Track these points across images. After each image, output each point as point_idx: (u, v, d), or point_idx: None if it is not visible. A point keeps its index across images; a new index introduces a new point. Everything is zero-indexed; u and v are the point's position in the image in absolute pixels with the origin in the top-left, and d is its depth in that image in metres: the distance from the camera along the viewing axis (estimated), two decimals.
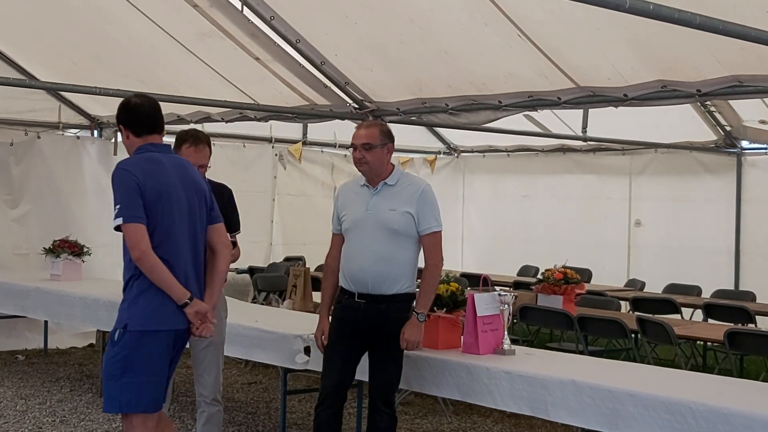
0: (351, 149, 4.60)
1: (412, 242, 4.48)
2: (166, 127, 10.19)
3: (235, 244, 5.02)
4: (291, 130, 10.59)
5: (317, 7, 6.32)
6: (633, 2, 3.15)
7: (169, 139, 10.57)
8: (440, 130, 11.73)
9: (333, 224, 4.67)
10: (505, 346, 4.84)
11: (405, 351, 4.53)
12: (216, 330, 4.78)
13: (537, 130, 9.72)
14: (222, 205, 4.81)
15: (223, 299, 4.98)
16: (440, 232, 4.52)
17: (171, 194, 3.87)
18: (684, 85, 5.54)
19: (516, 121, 8.16)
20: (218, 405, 4.93)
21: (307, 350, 5.36)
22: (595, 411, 4.15)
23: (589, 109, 8.09)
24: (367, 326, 4.47)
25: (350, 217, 4.53)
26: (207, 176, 4.84)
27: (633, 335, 7.02)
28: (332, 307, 4.65)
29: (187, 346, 4.81)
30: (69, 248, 7.92)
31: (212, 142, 11.17)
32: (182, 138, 4.82)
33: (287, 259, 10.18)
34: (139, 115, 4.03)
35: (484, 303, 4.82)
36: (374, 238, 4.44)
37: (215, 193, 4.78)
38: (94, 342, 8.65)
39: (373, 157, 4.52)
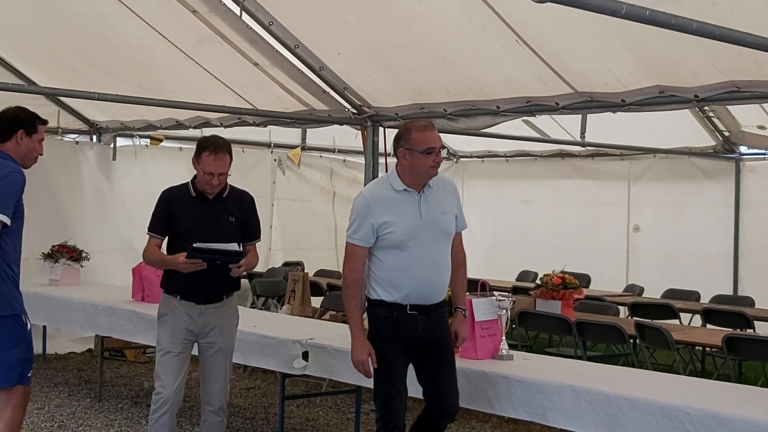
0: (424, 153, 4.14)
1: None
2: (166, 132, 10.25)
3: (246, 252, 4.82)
4: (290, 135, 10.60)
5: (316, 12, 6.33)
6: (629, 8, 3.15)
7: (170, 144, 10.63)
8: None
9: (358, 235, 4.22)
10: (503, 351, 4.84)
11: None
12: (225, 338, 4.82)
13: (536, 135, 9.73)
14: (242, 212, 4.83)
15: (235, 306, 4.94)
16: None
17: None
18: (682, 91, 5.55)
19: (515, 126, 8.17)
20: (222, 415, 4.84)
21: (305, 355, 5.36)
22: (593, 416, 4.15)
23: (588, 115, 8.10)
24: (422, 339, 4.22)
25: (403, 227, 4.16)
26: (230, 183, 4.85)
27: (631, 340, 7.02)
28: (373, 320, 4.30)
29: (195, 352, 4.82)
30: (67, 253, 7.92)
31: None
32: (202, 145, 4.71)
33: (286, 264, 10.19)
34: None
35: (482, 308, 4.82)
36: (434, 245, 4.20)
37: (235, 200, 4.83)
38: (92, 347, 8.64)
39: None
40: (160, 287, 4.93)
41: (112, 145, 9.63)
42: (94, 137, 9.64)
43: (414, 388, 4.32)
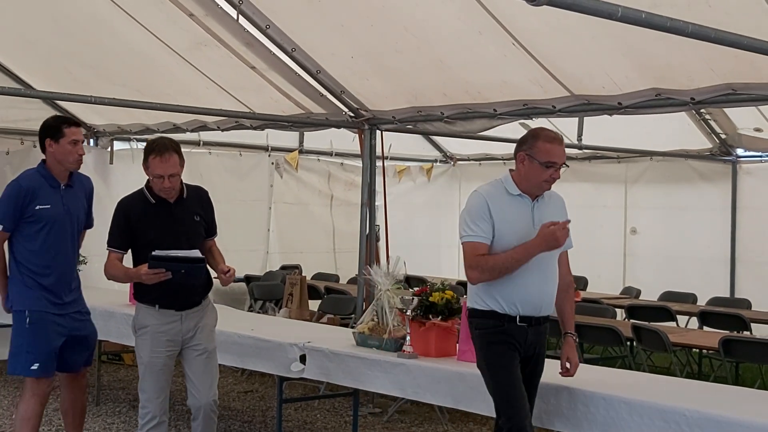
0: (544, 165, 4.02)
1: None
2: (165, 135, 10.22)
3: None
4: (287, 138, 10.60)
5: (313, 16, 6.34)
6: (625, 11, 3.16)
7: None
8: (436, 139, 11.75)
9: (479, 231, 3.99)
10: None
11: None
12: (209, 338, 4.75)
13: None
14: (203, 209, 4.76)
15: (213, 305, 4.85)
16: None
17: None
18: (678, 93, 5.56)
19: (511, 129, 8.16)
20: (214, 416, 4.75)
21: (302, 359, 5.36)
22: (590, 419, 4.16)
23: (584, 118, 8.11)
24: (526, 353, 4.02)
25: (516, 232, 3.97)
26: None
27: (628, 343, 7.03)
28: (482, 331, 4.07)
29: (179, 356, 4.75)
30: None
31: (209, 151, 11.20)
32: (148, 149, 4.54)
33: (283, 268, 10.19)
34: None
35: None
36: (543, 256, 3.96)
37: (195, 198, 4.72)
38: None
39: None
40: (134, 298, 4.80)
41: (109, 149, 9.63)
42: (91, 141, 9.64)
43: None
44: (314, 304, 8.59)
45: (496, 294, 3.99)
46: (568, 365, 4.12)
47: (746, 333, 7.65)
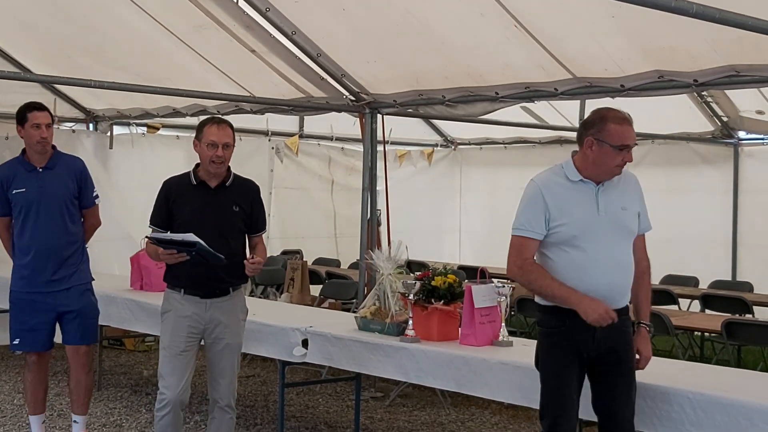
0: (616, 149, 3.73)
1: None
2: (163, 119, 10.21)
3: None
4: (287, 122, 10.58)
5: None
6: None
7: (167, 133, 10.61)
8: (437, 123, 11.72)
9: (530, 226, 3.76)
10: (503, 338, 4.85)
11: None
12: (232, 333, 4.68)
13: (534, 121, 9.71)
14: (246, 202, 4.74)
15: (242, 300, 4.77)
16: None
17: None
18: (681, 75, 5.53)
19: (513, 113, 8.16)
20: (231, 412, 4.71)
21: (304, 343, 5.35)
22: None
23: (586, 100, 8.08)
24: (598, 351, 3.72)
25: (577, 221, 3.70)
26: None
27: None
28: (542, 329, 3.85)
29: (203, 343, 4.71)
30: None
31: None
32: (203, 122, 4.73)
33: (284, 253, 10.19)
34: None
35: (481, 295, 4.82)
36: (613, 244, 3.71)
37: (240, 189, 4.77)
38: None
39: None
40: (163, 281, 4.77)
41: (108, 134, 9.59)
42: (91, 125, 9.61)
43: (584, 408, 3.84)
44: (315, 289, 8.58)
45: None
46: (638, 357, 3.82)
47: (748, 316, 7.65)
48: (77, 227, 5.27)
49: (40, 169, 5.16)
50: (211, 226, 4.51)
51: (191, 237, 4.39)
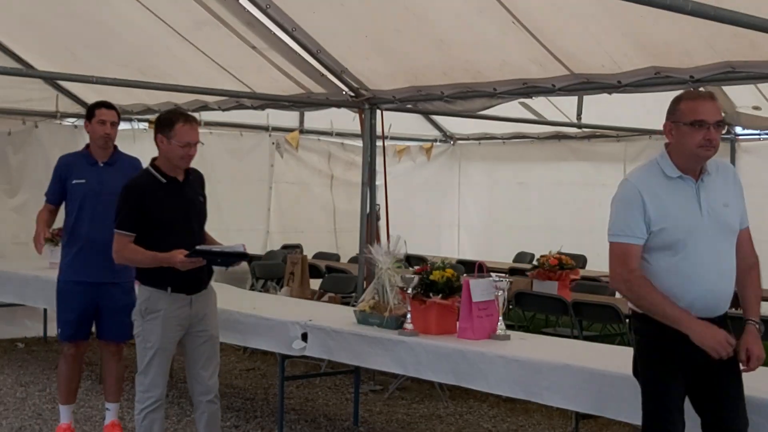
0: (690, 125, 3.39)
1: None
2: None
3: None
4: (288, 118, 10.62)
5: None
6: None
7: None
8: (436, 118, 11.76)
9: (630, 231, 3.47)
10: (501, 332, 4.89)
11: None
12: (213, 324, 4.74)
13: (532, 117, 9.75)
14: (203, 190, 4.77)
15: (214, 290, 4.79)
16: None
17: None
18: (677, 72, 5.57)
19: (511, 108, 8.19)
20: (217, 402, 4.72)
21: (304, 336, 5.40)
22: (589, 395, 4.20)
23: (584, 96, 8.12)
24: (702, 360, 3.40)
25: (679, 224, 3.42)
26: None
27: (627, 320, 7.07)
28: (641, 338, 3.61)
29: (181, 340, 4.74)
30: None
31: (210, 131, 11.22)
32: (171, 119, 4.55)
33: (285, 247, 10.23)
34: None
35: (479, 289, 4.86)
36: (717, 245, 3.46)
37: (196, 179, 4.75)
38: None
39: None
40: (137, 279, 4.74)
41: None
42: None
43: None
44: (315, 283, 8.63)
45: (667, 294, 3.42)
46: (746, 357, 3.48)
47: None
48: None
49: (102, 164, 5.37)
50: (194, 221, 4.58)
51: (239, 248, 4.53)
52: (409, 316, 4.97)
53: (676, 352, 3.42)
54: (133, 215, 4.51)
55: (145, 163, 4.72)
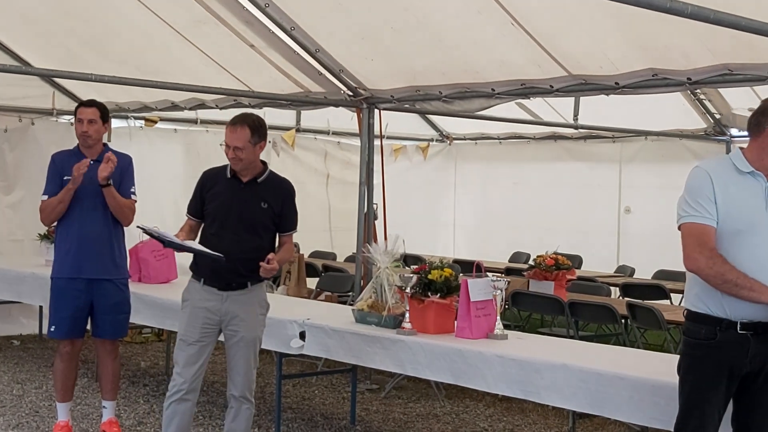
0: None
1: None
2: (161, 113, 10.22)
3: None
4: (284, 117, 10.62)
5: None
6: None
7: (165, 126, 10.60)
8: (433, 118, 11.78)
9: (703, 212, 3.38)
10: (498, 331, 4.92)
11: None
12: (248, 327, 4.71)
13: (529, 117, 9.78)
14: (276, 200, 4.76)
15: (262, 295, 4.81)
16: None
17: None
18: (675, 74, 5.60)
19: (508, 109, 8.21)
20: (247, 403, 4.72)
21: (302, 335, 5.42)
22: (585, 394, 4.23)
23: (581, 98, 8.15)
24: (750, 368, 3.35)
25: (744, 215, 3.36)
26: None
27: (623, 320, 7.11)
28: (688, 339, 3.49)
29: (222, 338, 4.76)
30: None
31: (206, 129, 11.18)
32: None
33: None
34: None
35: (477, 288, 4.89)
36: None
37: (272, 187, 4.77)
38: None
39: None
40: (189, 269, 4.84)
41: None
42: None
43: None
44: (312, 282, 8.65)
45: (714, 291, 3.35)
46: None
47: None
48: (119, 223, 5.39)
49: (91, 162, 5.32)
50: (237, 219, 4.60)
51: (169, 235, 4.52)
52: (407, 315, 5.00)
53: (726, 359, 3.34)
54: (193, 199, 4.77)
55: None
